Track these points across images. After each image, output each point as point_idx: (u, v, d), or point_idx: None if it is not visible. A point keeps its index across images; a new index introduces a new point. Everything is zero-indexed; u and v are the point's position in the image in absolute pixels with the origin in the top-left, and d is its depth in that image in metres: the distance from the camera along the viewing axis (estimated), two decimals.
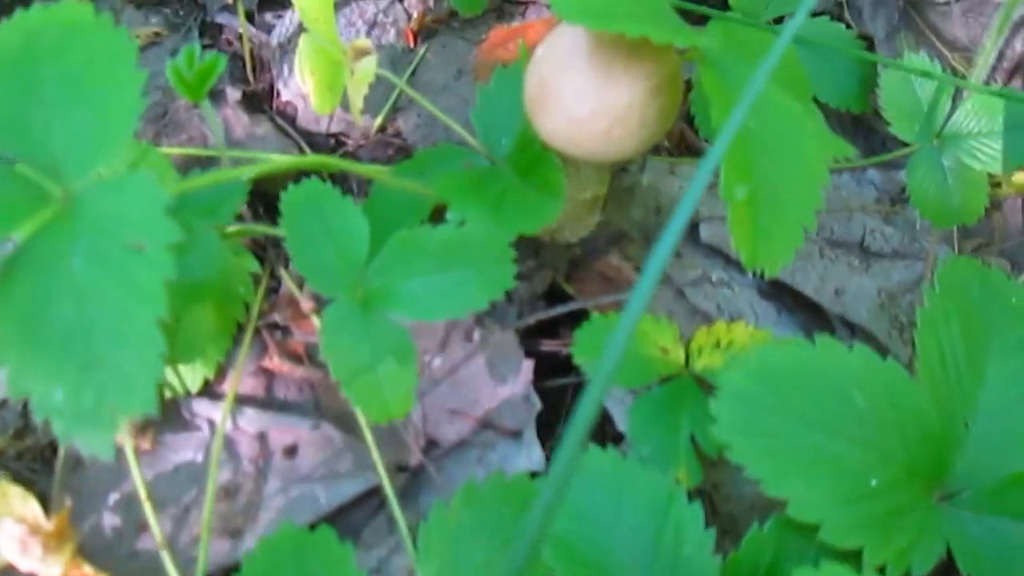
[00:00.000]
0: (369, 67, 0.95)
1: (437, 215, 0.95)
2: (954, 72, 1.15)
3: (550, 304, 1.06)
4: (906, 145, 1.09)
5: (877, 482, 0.75)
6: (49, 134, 0.69)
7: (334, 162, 0.94)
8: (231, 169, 0.80)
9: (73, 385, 0.61)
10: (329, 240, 0.86)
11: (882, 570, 0.72)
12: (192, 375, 0.99)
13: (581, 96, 0.79)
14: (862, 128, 1.20)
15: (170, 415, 0.99)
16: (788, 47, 0.97)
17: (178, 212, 0.80)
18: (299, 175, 0.93)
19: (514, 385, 1.00)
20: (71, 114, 0.69)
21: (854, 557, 0.72)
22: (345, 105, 1.04)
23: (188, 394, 0.99)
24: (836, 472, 0.74)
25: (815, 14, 1.22)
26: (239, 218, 1.05)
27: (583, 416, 0.44)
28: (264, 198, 1.10)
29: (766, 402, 0.75)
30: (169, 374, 0.98)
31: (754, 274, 0.84)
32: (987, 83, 1.06)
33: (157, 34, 1.24)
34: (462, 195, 0.90)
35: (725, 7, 1.18)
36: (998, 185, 1.13)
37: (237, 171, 0.80)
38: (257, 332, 1.03)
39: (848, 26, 1.22)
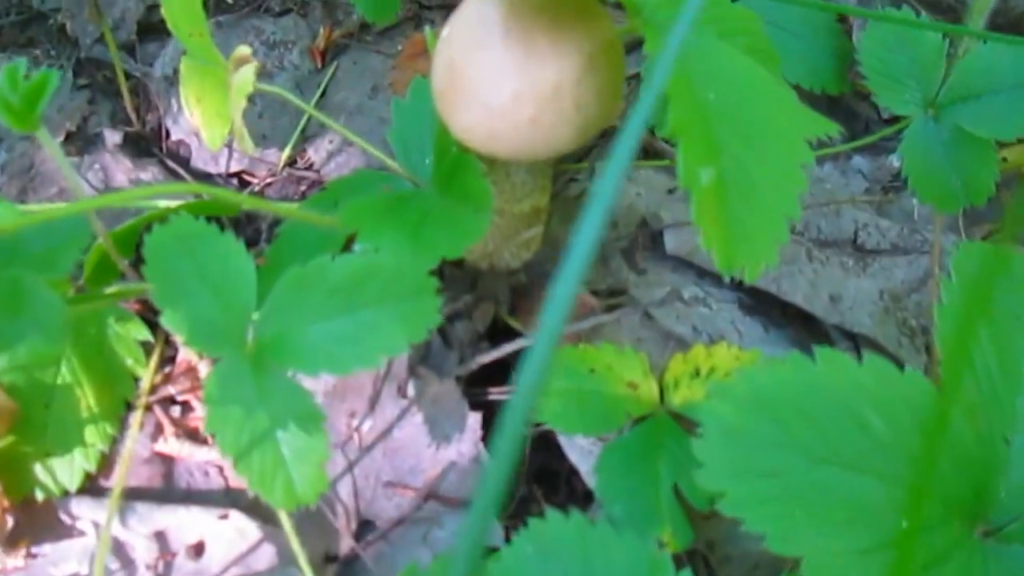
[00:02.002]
0: (247, 76, 0.80)
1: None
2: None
3: (495, 344, 0.92)
4: (893, 123, 0.95)
5: (908, 523, 0.65)
6: None
7: (228, 195, 0.79)
8: (69, 204, 0.64)
9: None
10: (206, 287, 0.71)
11: None
12: (70, 470, 0.85)
13: (498, 78, 0.67)
14: (840, 111, 1.07)
15: (46, 520, 0.85)
16: (753, 18, 0.85)
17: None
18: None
19: (460, 445, 0.86)
20: None
21: None
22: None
23: (66, 493, 0.85)
24: (856, 516, 0.64)
25: None
26: (122, 277, 0.89)
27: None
28: None
29: (762, 436, 0.64)
30: (40, 471, 0.83)
31: (733, 283, 0.69)
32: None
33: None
34: (373, 221, 0.76)
35: None
36: (1002, 160, 0.99)
37: (75, 205, 0.64)
38: (149, 410, 0.90)
39: None
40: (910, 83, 0.94)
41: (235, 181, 1.09)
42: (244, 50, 0.84)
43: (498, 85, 0.66)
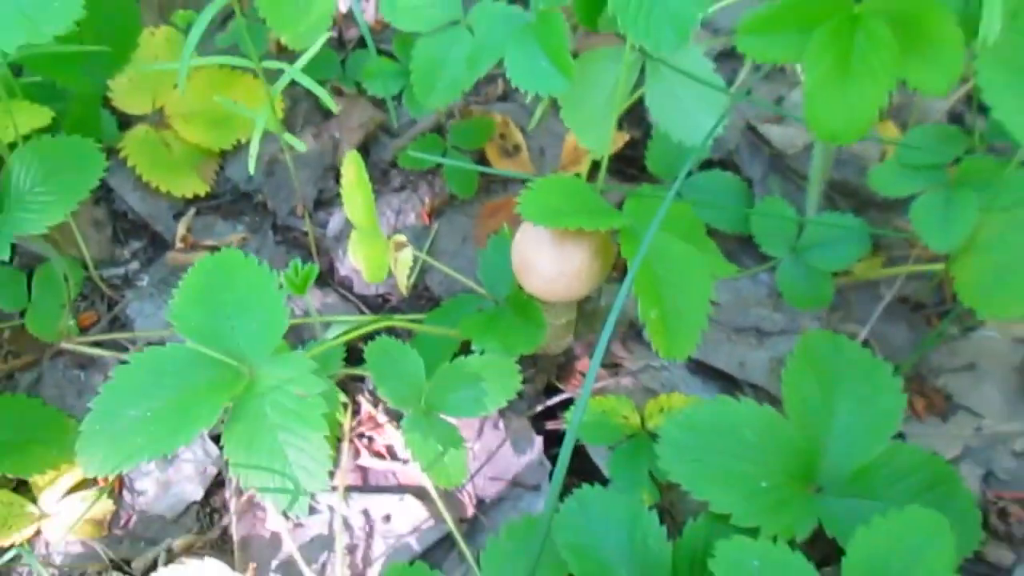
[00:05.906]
0: (408, 257, 1.40)
1: (464, 346, 1.38)
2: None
3: (548, 397, 1.43)
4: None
5: (766, 484, 1.07)
6: (234, 336, 1.15)
7: (391, 320, 1.40)
8: (326, 341, 1.26)
9: (280, 478, 1.07)
10: (399, 373, 1.30)
11: (774, 539, 0.99)
12: None
13: (550, 265, 1.15)
14: (750, 243, 1.54)
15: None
16: (687, 210, 1.41)
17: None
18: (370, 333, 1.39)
19: (531, 455, 1.36)
20: (246, 322, 1.15)
21: (755, 533, 1.01)
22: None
23: None
24: (738, 480, 1.06)
25: (712, 164, 1.66)
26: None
27: (562, 462, 0.89)
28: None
29: (689, 442, 1.10)
30: None
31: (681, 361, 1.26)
32: (823, 208, 1.54)
33: (244, 239, 1.70)
34: (479, 332, 1.32)
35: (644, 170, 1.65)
36: (848, 273, 1.58)
37: (332, 342, 1.27)
38: (351, 441, 1.44)
39: (737, 170, 1.64)
40: (781, 237, 1.48)
41: (380, 299, 1.60)
42: (401, 238, 1.45)
43: (548, 270, 1.13)
